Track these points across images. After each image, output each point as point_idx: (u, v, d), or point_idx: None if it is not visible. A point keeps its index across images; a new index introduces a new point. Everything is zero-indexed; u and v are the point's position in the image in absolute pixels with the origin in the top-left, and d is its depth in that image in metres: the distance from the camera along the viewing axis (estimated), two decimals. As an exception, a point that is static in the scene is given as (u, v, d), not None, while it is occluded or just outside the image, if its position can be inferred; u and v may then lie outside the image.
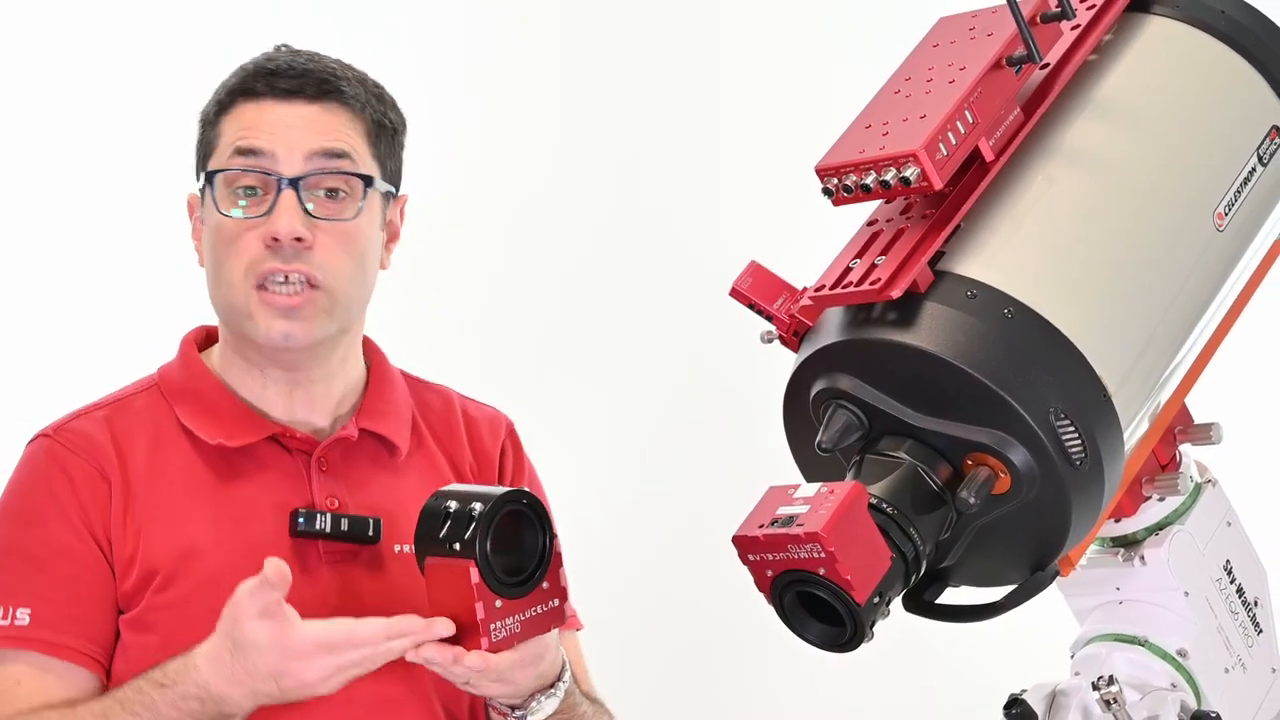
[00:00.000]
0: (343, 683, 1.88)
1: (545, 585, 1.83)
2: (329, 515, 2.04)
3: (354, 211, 2.06)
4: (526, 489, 1.85)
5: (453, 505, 1.80)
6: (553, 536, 1.85)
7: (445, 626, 1.83)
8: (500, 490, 1.81)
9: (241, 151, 2.05)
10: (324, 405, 2.13)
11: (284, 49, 2.13)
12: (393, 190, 2.14)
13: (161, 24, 3.09)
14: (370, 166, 2.09)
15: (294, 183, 2.03)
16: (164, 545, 2.03)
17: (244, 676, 1.88)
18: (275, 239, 2.01)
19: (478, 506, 1.78)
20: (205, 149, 2.10)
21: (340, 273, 2.05)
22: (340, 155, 2.06)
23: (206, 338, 2.19)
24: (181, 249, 2.16)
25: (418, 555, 1.83)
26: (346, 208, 2.06)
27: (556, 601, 1.85)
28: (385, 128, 2.12)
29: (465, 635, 1.81)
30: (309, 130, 2.05)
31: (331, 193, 2.06)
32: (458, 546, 1.78)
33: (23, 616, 2.01)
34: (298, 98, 2.06)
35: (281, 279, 2.03)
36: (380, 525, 2.04)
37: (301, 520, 2.02)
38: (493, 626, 1.79)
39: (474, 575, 1.77)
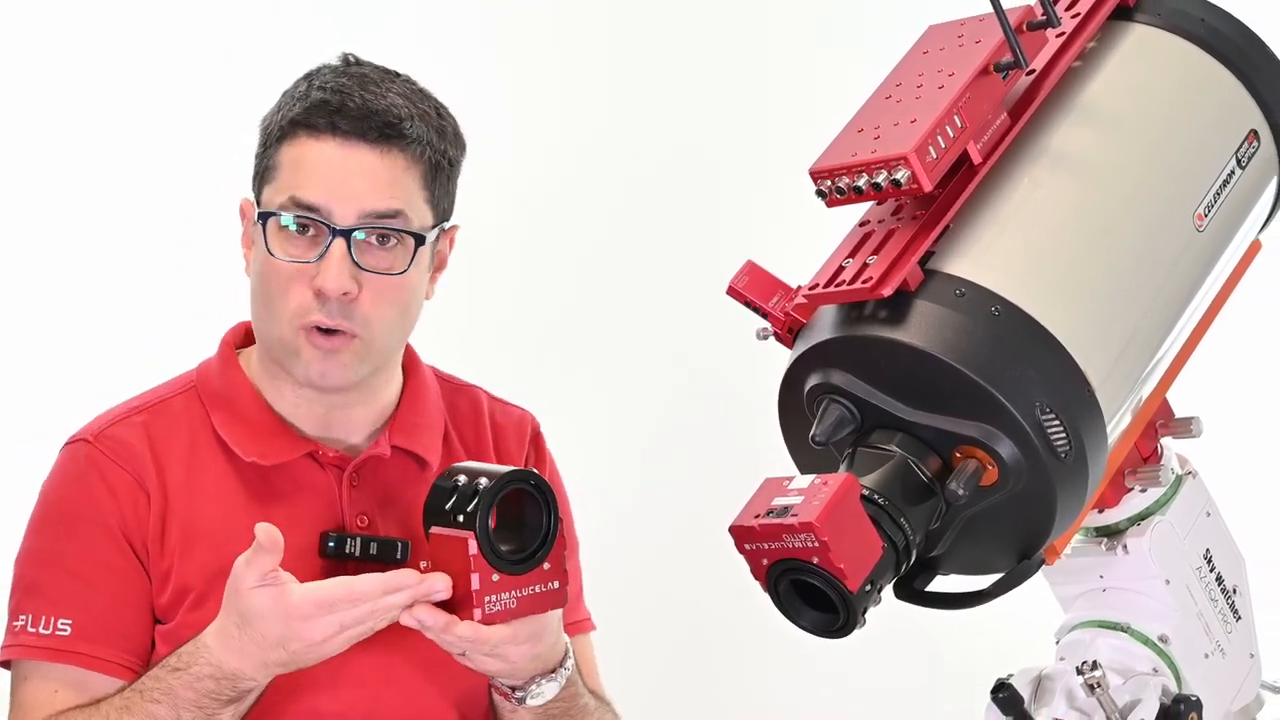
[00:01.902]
0: (348, 641, 1.86)
1: (547, 567, 1.82)
2: (359, 539, 2.01)
3: (404, 265, 2.01)
4: (534, 470, 1.84)
5: (461, 480, 1.79)
6: (558, 519, 1.83)
7: (441, 582, 1.81)
8: (508, 469, 1.80)
9: (298, 204, 1.99)
10: (359, 424, 2.10)
11: (351, 65, 2.06)
12: (443, 225, 2.09)
13: (167, 24, 3.07)
14: (423, 214, 2.04)
15: (346, 234, 1.98)
16: (198, 563, 2.01)
17: (252, 648, 1.86)
18: (322, 291, 1.98)
19: (484, 482, 1.77)
20: (262, 171, 2.05)
21: (382, 322, 2.01)
22: (394, 215, 2.00)
23: (247, 335, 2.15)
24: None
25: (424, 526, 1.82)
26: (397, 259, 2.01)
27: (557, 584, 1.83)
28: (443, 168, 2.06)
29: (460, 606, 1.80)
30: (365, 183, 1.99)
31: (383, 239, 2.01)
32: (460, 519, 1.77)
33: (65, 628, 1.98)
34: (358, 141, 1.99)
35: (324, 331, 1.99)
36: (409, 548, 2.00)
37: (332, 544, 2.00)
38: (487, 599, 1.78)
39: (472, 547, 1.77)
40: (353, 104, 2.00)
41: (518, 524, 1.81)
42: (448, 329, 3.13)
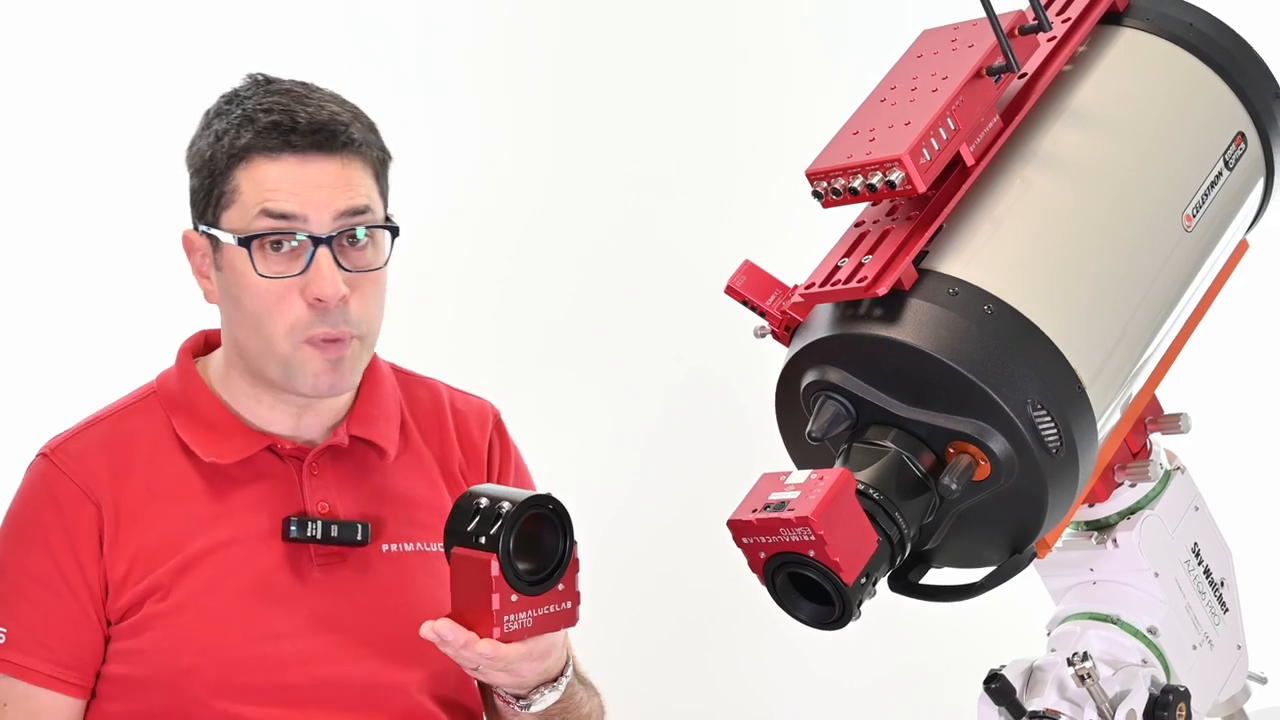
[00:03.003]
0: None
1: (561, 587, 1.85)
2: (319, 522, 2.04)
3: (384, 258, 2.04)
4: (552, 494, 1.86)
5: (483, 503, 1.82)
6: (573, 542, 1.86)
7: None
8: (528, 493, 1.83)
9: (271, 215, 1.99)
10: (326, 419, 2.11)
11: (271, 83, 2.05)
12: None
13: (164, 27, 3.07)
14: (380, 207, 2.06)
15: (328, 240, 1.99)
16: (161, 559, 2.03)
17: None
18: (319, 300, 1.98)
19: (505, 505, 1.80)
20: (216, 199, 2.03)
21: (371, 318, 2.04)
22: (363, 211, 2.02)
23: (205, 343, 2.15)
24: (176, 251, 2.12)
25: (445, 545, 1.84)
26: (373, 255, 2.03)
27: (569, 604, 1.87)
28: (384, 163, 2.08)
29: (480, 624, 1.82)
30: (334, 189, 2.00)
31: (352, 239, 2.02)
32: (483, 541, 1.80)
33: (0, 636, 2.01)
34: (316, 154, 2.00)
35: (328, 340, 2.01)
36: (369, 529, 2.05)
37: (294, 529, 2.03)
38: (507, 618, 1.81)
39: (494, 568, 1.79)
40: (301, 120, 2.00)
41: (534, 543, 1.84)
42: (447, 328, 3.14)
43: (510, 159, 3.26)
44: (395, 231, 2.05)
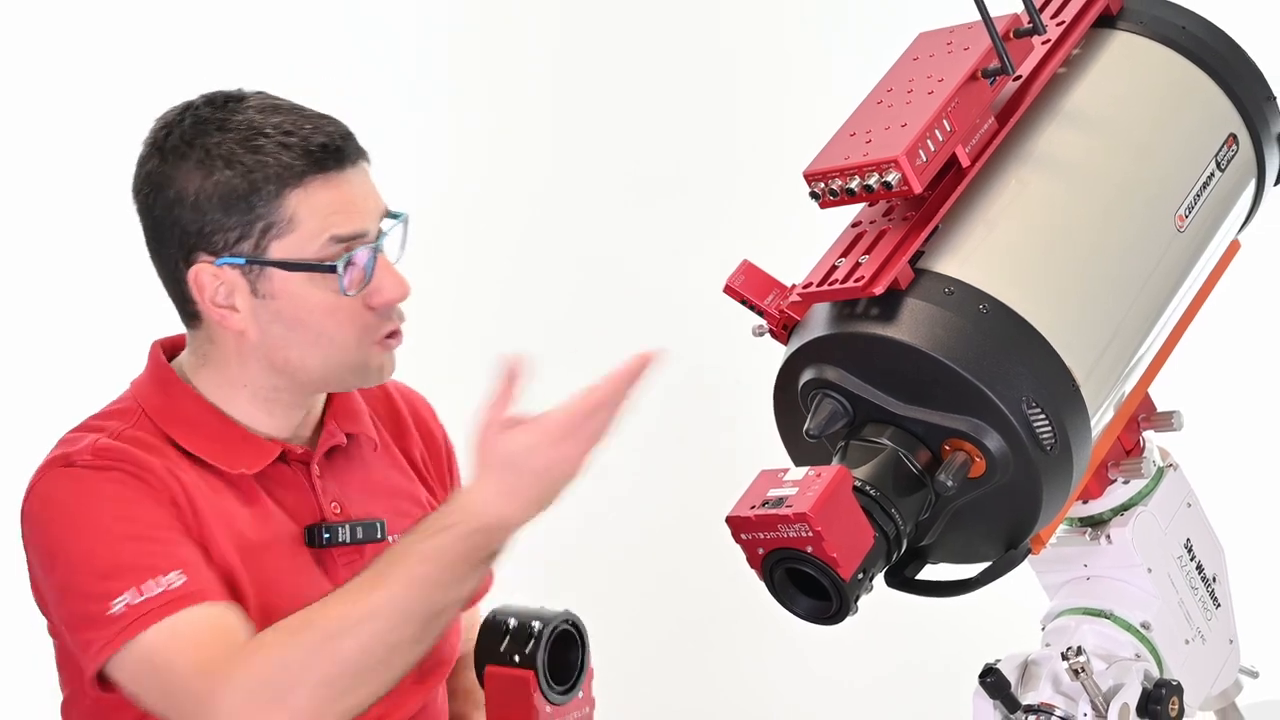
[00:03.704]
0: (595, 453, 1.85)
1: (580, 695, 1.98)
2: (346, 527, 2.05)
3: (402, 244, 2.04)
4: (570, 611, 1.96)
5: (511, 623, 1.94)
6: (588, 653, 1.98)
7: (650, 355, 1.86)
8: (553, 612, 1.95)
9: (340, 239, 1.96)
10: (314, 419, 2.10)
11: (278, 103, 2.02)
12: None
13: (171, 27, 3.06)
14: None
15: (379, 248, 1.99)
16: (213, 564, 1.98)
17: (521, 489, 1.80)
18: (388, 303, 1.98)
19: (535, 625, 1.93)
20: (262, 230, 1.96)
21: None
22: (388, 212, 2.03)
23: (172, 347, 2.09)
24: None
25: (477, 665, 1.95)
26: (395, 245, 2.03)
27: (588, 709, 1.99)
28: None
29: None
30: (373, 197, 2.01)
31: (378, 234, 2.00)
32: (517, 659, 1.92)
33: (175, 580, 1.88)
34: (349, 165, 1.99)
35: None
36: (385, 526, 2.06)
37: (325, 535, 2.03)
38: None
39: (533, 683, 1.91)
40: (331, 137, 1.99)
41: (560, 660, 1.96)
42: (446, 328, 3.14)
43: (509, 159, 3.26)
44: (406, 222, 2.05)
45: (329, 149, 1.98)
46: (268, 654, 1.82)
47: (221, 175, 1.95)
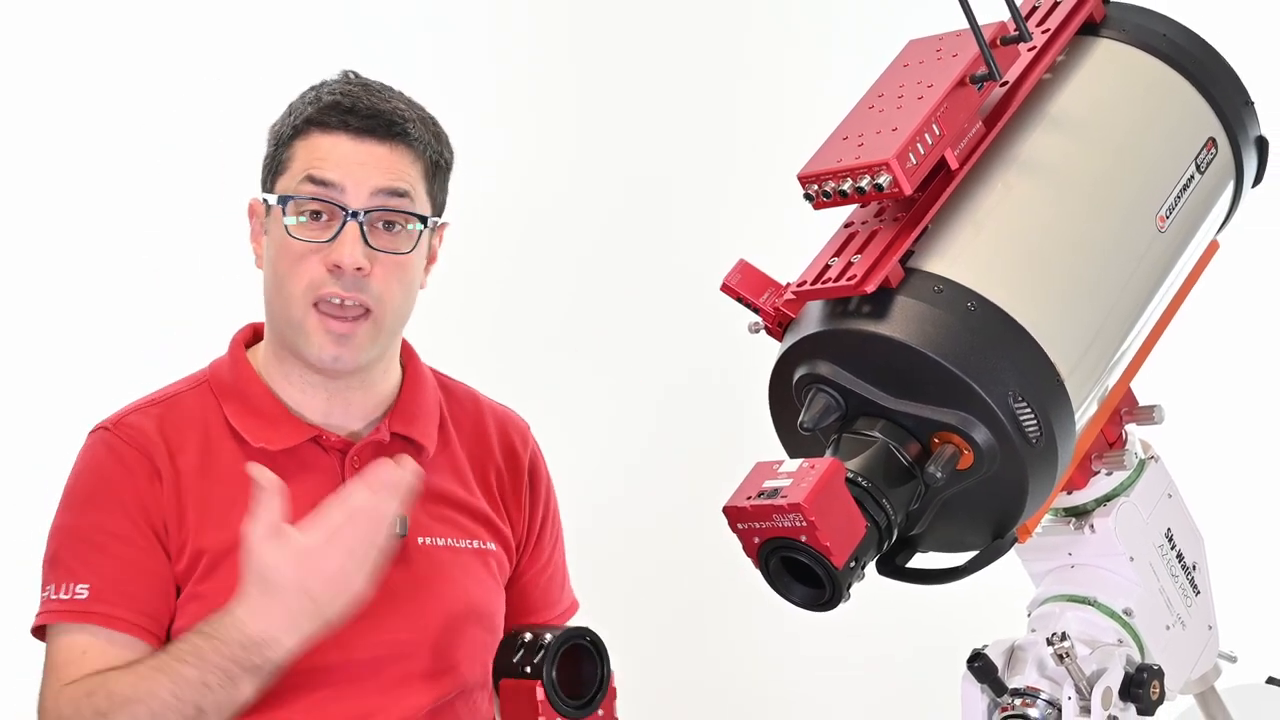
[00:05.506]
0: (363, 567, 1.87)
1: (600, 713, 1.94)
2: None
3: (410, 245, 2.06)
4: (589, 628, 1.94)
5: (526, 637, 1.93)
6: (610, 671, 1.94)
7: (407, 462, 1.91)
8: (568, 627, 1.93)
9: (313, 180, 2.04)
10: (360, 410, 2.12)
11: (354, 78, 2.11)
12: (438, 220, 2.14)
13: (181, 29, 3.06)
14: (425, 204, 2.09)
15: (358, 215, 2.03)
16: (212, 537, 2.03)
17: (276, 606, 1.86)
18: (338, 266, 2.02)
19: (547, 637, 1.91)
20: (275, 166, 2.09)
21: (391, 300, 2.06)
22: (401, 194, 2.05)
23: (254, 335, 2.18)
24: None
25: (494, 678, 1.93)
26: (402, 240, 2.06)
27: None
28: (440, 167, 2.12)
29: None
30: (376, 169, 2.04)
31: (389, 225, 2.05)
32: (528, 670, 1.90)
33: (82, 592, 2.01)
34: (368, 137, 2.05)
35: (338, 302, 2.03)
36: (405, 522, 2.06)
37: None
38: None
39: (539, 693, 1.89)
40: (363, 105, 2.06)
41: (574, 673, 1.93)
42: (445, 326, 3.14)
43: (508, 160, 3.25)
44: (424, 221, 2.08)
45: (341, 108, 2.05)
46: (65, 703, 1.96)
47: (279, 118, 2.11)
